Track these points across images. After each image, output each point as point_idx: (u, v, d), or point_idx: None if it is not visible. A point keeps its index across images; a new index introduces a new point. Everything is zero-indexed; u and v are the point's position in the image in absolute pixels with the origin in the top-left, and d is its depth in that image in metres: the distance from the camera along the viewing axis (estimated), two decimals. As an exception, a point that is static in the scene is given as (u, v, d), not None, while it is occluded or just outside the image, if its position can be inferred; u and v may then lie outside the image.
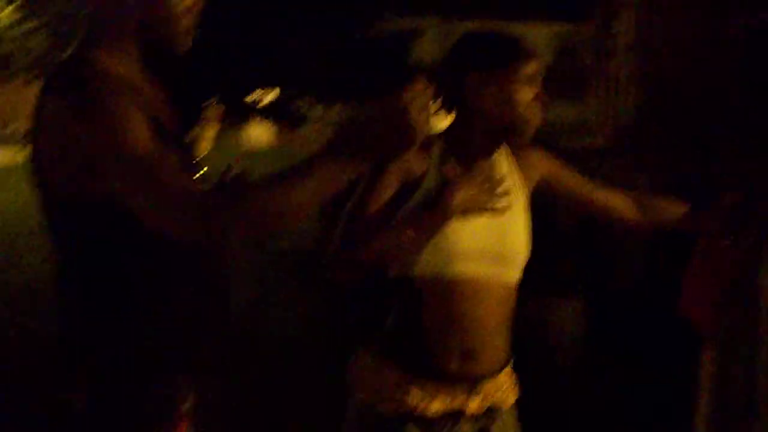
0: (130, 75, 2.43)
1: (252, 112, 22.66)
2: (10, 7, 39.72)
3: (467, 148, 3.08)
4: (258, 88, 23.16)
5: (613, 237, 7.23)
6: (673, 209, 3.44)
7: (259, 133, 43.44)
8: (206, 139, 2.73)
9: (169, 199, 2.20)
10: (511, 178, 3.15)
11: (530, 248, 3.14)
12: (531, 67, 3.00)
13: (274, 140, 48.22)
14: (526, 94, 2.98)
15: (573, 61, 44.96)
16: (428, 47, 46.85)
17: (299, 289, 9.52)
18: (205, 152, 2.67)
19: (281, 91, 24.38)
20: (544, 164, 3.27)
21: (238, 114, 22.52)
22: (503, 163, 3.18)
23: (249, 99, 23.08)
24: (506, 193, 3.04)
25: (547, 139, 3.57)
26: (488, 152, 3.11)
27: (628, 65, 21.88)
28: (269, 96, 24.34)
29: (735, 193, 3.38)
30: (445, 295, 3.00)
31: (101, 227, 2.33)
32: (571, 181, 3.31)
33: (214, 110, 2.76)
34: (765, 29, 16.26)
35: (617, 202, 3.35)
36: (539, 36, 42.30)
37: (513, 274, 3.12)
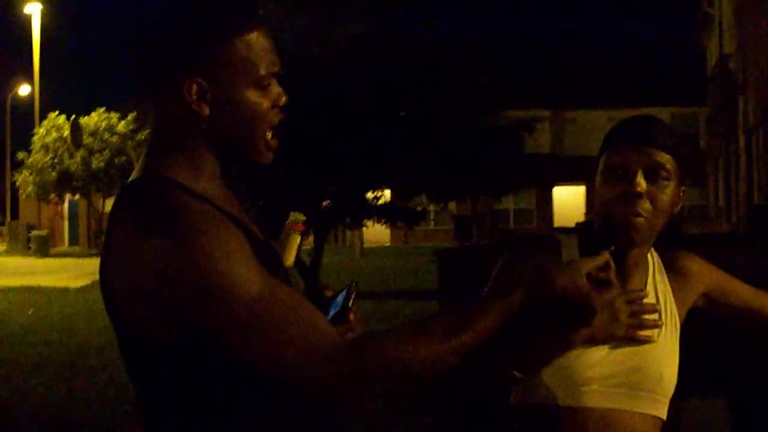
0: (209, 190, 2.07)
1: (371, 211, 22.51)
2: (128, 117, 40.85)
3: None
4: (373, 188, 23.10)
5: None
6: None
7: (378, 232, 43.55)
8: (291, 249, 2.39)
9: (290, 346, 1.87)
10: (663, 300, 2.67)
11: (677, 377, 2.71)
12: (619, 157, 2.53)
13: (393, 238, 48.38)
14: (608, 189, 2.54)
15: (692, 145, 44.38)
16: (543, 136, 46.80)
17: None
18: (290, 263, 2.32)
19: (396, 189, 24.33)
20: (704, 279, 2.76)
21: (357, 213, 22.46)
22: (653, 281, 2.71)
23: (366, 198, 23.01)
24: (654, 324, 2.55)
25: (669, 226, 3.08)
26: (626, 263, 2.58)
27: (752, 147, 21.37)
28: (385, 195, 24.30)
29: None
30: (572, 429, 2.62)
31: (188, 377, 1.97)
32: (738, 295, 2.79)
33: (296, 218, 2.43)
34: None
35: None
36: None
37: (655, 406, 2.61)
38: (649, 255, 2.69)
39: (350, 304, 2.22)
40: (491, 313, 2.03)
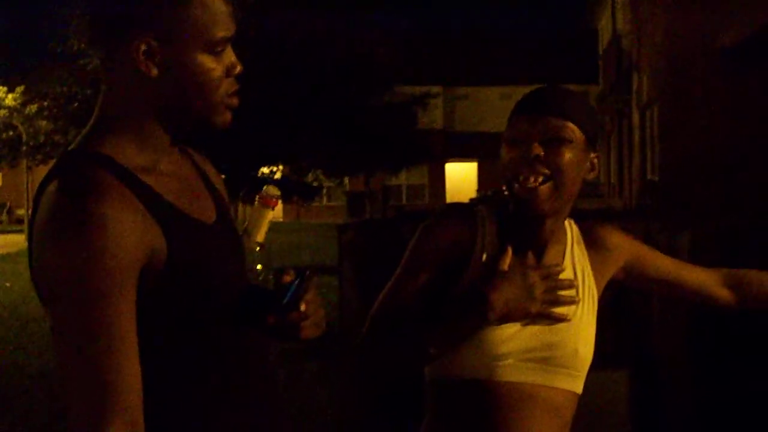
0: (148, 162, 2.00)
1: (266, 186, 22.42)
2: (18, 89, 40.02)
3: (520, 227, 2.54)
4: (265, 163, 22.95)
5: (652, 302, 6.83)
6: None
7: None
8: (260, 224, 2.29)
9: (74, 399, 1.82)
10: (581, 274, 2.61)
11: (592, 352, 2.66)
12: (517, 127, 2.47)
13: (286, 214, 48.22)
14: (507, 154, 2.47)
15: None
16: (436, 112, 47.03)
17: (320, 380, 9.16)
18: (259, 239, 2.24)
19: (291, 165, 24.25)
20: (624, 251, 2.73)
21: (249, 188, 22.31)
22: (570, 254, 2.64)
23: (260, 174, 22.84)
24: (571, 300, 2.51)
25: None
26: (541, 235, 2.54)
27: (646, 124, 21.67)
28: (279, 170, 24.16)
29: None
30: (487, 404, 2.49)
31: None
32: (657, 266, 2.77)
33: (269, 192, 2.34)
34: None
35: (708, 282, 2.81)
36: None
37: (571, 381, 2.56)
38: (567, 226, 2.62)
39: (302, 293, 2.13)
40: None
